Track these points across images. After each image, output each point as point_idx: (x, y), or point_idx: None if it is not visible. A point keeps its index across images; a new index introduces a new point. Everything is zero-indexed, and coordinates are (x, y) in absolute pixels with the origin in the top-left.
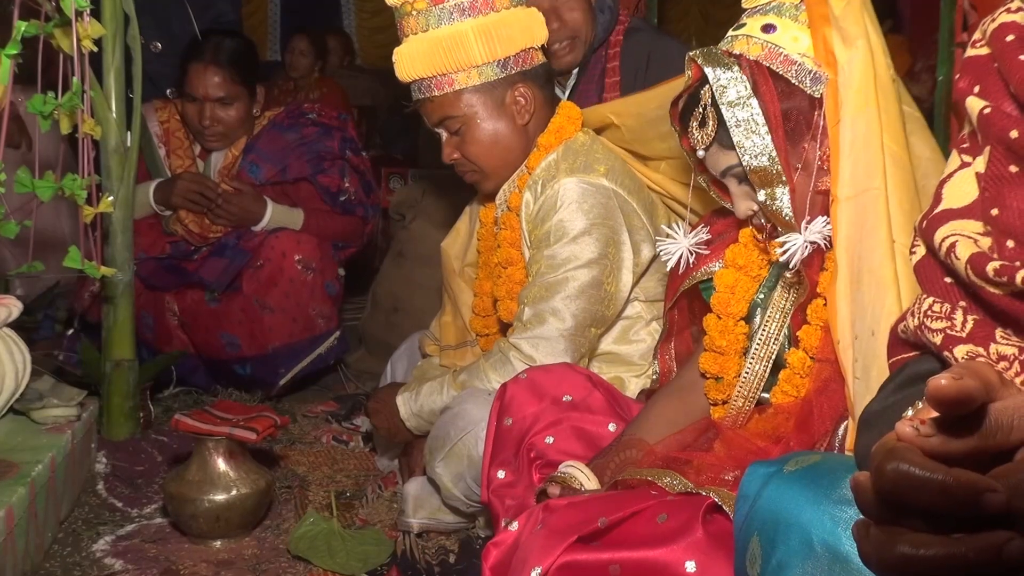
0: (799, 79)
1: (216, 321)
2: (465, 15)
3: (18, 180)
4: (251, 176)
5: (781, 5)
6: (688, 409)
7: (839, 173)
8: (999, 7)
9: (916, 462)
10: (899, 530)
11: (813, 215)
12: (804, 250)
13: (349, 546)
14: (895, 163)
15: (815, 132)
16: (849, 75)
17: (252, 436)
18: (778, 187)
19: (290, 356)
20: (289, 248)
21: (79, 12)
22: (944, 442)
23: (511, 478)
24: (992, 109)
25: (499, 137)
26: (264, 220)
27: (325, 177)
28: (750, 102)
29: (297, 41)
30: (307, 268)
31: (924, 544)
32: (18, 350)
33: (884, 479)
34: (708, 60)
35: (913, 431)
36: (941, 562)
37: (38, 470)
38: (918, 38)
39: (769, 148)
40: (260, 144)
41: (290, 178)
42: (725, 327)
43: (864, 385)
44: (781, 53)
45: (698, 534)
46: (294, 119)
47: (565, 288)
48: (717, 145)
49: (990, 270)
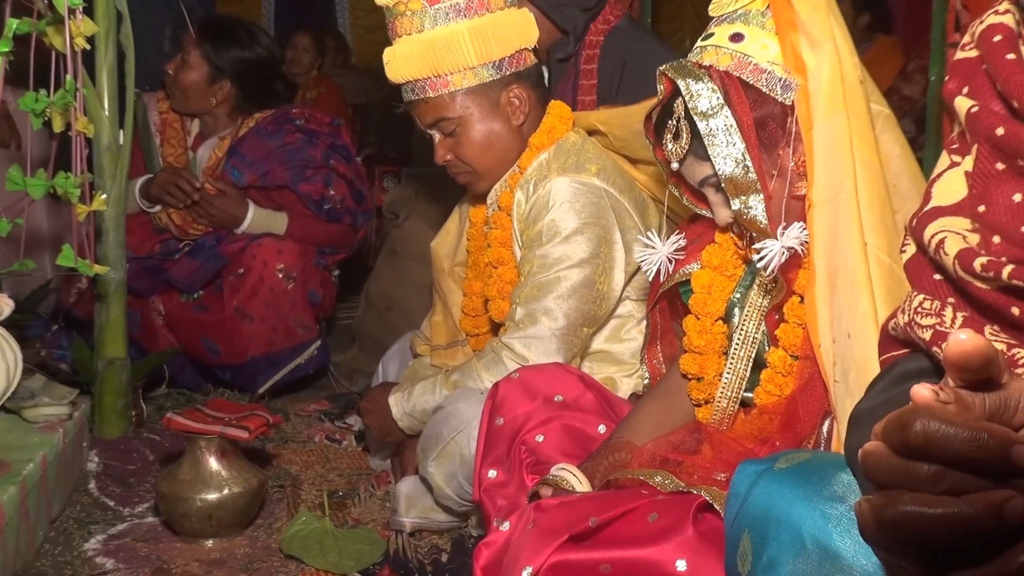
0: (770, 87)
1: (198, 327)
2: (460, 16)
3: (10, 178)
4: (233, 179)
5: (748, 12)
6: (675, 411)
7: (814, 177)
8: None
9: (947, 416)
10: (899, 492)
11: (790, 221)
12: (781, 256)
13: (341, 545)
14: (865, 165)
15: (789, 138)
16: (818, 80)
17: (244, 435)
18: (752, 195)
19: (269, 365)
20: (271, 258)
21: (72, 9)
22: (960, 412)
23: (503, 478)
24: (980, 108)
25: (494, 138)
26: (245, 223)
27: (307, 185)
28: (722, 112)
29: (300, 38)
30: (288, 278)
31: (926, 502)
32: (9, 348)
33: (913, 434)
34: (679, 73)
35: (932, 394)
36: (941, 519)
37: (29, 469)
38: (911, 38)
39: (743, 157)
40: (242, 148)
41: (271, 184)
42: (703, 327)
43: (844, 388)
44: (751, 62)
45: (689, 533)
46: (278, 125)
47: (557, 288)
48: (692, 156)
49: (977, 265)
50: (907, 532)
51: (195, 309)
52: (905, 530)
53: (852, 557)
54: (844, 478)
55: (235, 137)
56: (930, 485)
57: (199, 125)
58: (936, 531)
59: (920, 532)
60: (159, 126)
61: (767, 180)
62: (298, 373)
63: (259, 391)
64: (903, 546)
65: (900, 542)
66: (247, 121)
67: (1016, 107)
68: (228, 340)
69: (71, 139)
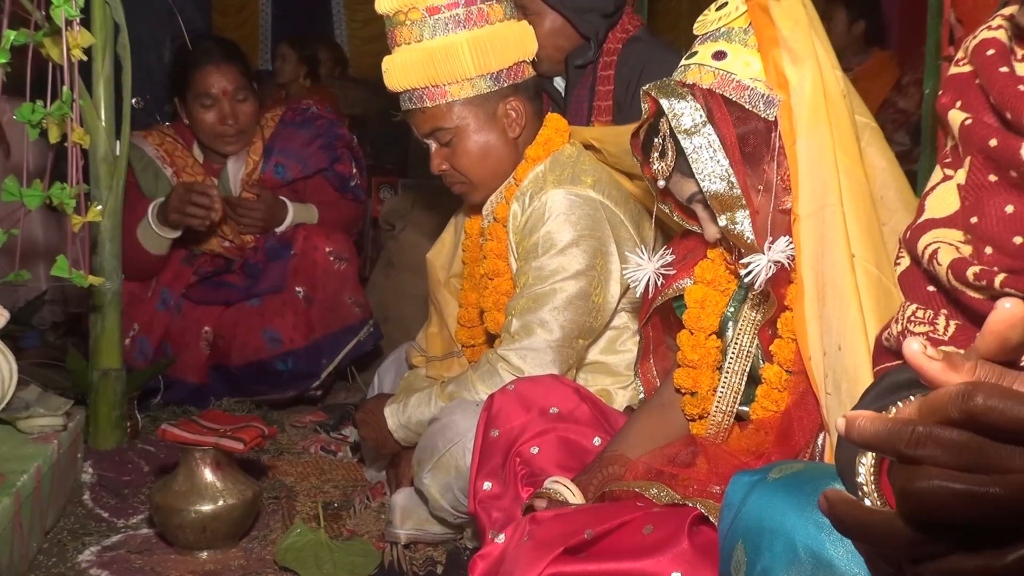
0: (753, 104)
1: (259, 319)
2: (460, 27)
3: (5, 188)
4: (277, 177)
5: (730, 30)
6: (669, 425)
7: (799, 192)
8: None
9: (1002, 392)
10: (925, 467)
11: (777, 235)
12: (768, 271)
13: (336, 557)
14: (849, 177)
15: (773, 153)
16: (801, 95)
17: (239, 446)
18: (738, 211)
19: (332, 345)
20: (320, 242)
21: (69, 21)
22: (945, 371)
23: (498, 490)
24: (973, 120)
25: (489, 149)
26: (288, 220)
27: (341, 165)
28: (705, 130)
29: (280, 47)
30: (339, 259)
31: (954, 478)
32: (4, 359)
33: (975, 407)
34: (662, 92)
35: (920, 347)
36: (968, 496)
37: (23, 480)
38: (906, 51)
39: (727, 173)
40: (280, 144)
41: (311, 172)
42: (697, 342)
43: (836, 400)
44: (733, 79)
45: (684, 545)
46: (300, 114)
47: (553, 299)
48: (678, 174)
49: (970, 274)
50: (932, 504)
51: (252, 302)
52: (930, 503)
53: (845, 566)
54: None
55: (263, 138)
56: (964, 455)
57: (200, 149)
58: (962, 507)
59: (944, 506)
60: (165, 159)
61: (752, 196)
62: (359, 351)
63: (323, 374)
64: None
65: (922, 516)
66: (265, 122)
67: (1009, 119)
68: (292, 324)
69: (67, 150)
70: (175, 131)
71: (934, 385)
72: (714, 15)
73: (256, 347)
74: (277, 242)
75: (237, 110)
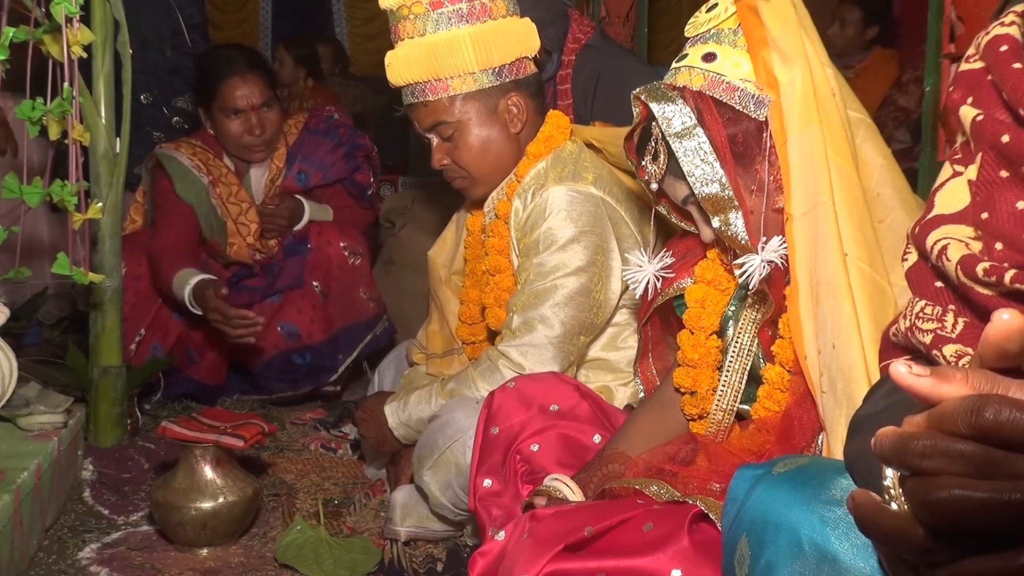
0: (743, 105)
1: (276, 313)
2: (463, 21)
3: (6, 186)
4: (299, 184)
5: (720, 32)
6: (669, 423)
7: (791, 191)
8: (985, 19)
9: (1011, 404)
10: (941, 476)
11: (771, 235)
12: (762, 271)
13: (336, 554)
14: (841, 175)
15: (765, 153)
16: (791, 94)
17: (239, 443)
18: (731, 212)
19: (349, 340)
20: (334, 238)
21: (69, 18)
22: (936, 384)
23: (498, 487)
24: (985, 116)
25: (490, 144)
26: (304, 218)
27: (360, 174)
28: (696, 132)
29: (276, 51)
30: (353, 254)
31: (972, 486)
32: (4, 356)
33: (985, 422)
34: (652, 96)
35: (906, 369)
36: (989, 504)
37: (24, 477)
38: (906, 49)
39: (719, 175)
40: (304, 152)
41: (331, 180)
42: (697, 341)
43: (832, 399)
44: (723, 81)
45: (684, 543)
46: (324, 121)
47: (554, 296)
48: (671, 176)
49: (980, 271)
50: (950, 513)
51: (273, 299)
52: (947, 512)
53: (850, 560)
54: (842, 482)
55: (286, 144)
56: (975, 466)
57: (228, 157)
58: (980, 514)
59: (963, 513)
60: (201, 168)
61: (745, 196)
62: (375, 346)
63: (340, 368)
64: (942, 527)
65: (941, 525)
66: (287, 127)
67: (1021, 115)
68: (310, 319)
69: (68, 147)
70: (202, 140)
71: (929, 401)
72: (704, 17)
73: (274, 342)
74: (294, 238)
75: (264, 120)
